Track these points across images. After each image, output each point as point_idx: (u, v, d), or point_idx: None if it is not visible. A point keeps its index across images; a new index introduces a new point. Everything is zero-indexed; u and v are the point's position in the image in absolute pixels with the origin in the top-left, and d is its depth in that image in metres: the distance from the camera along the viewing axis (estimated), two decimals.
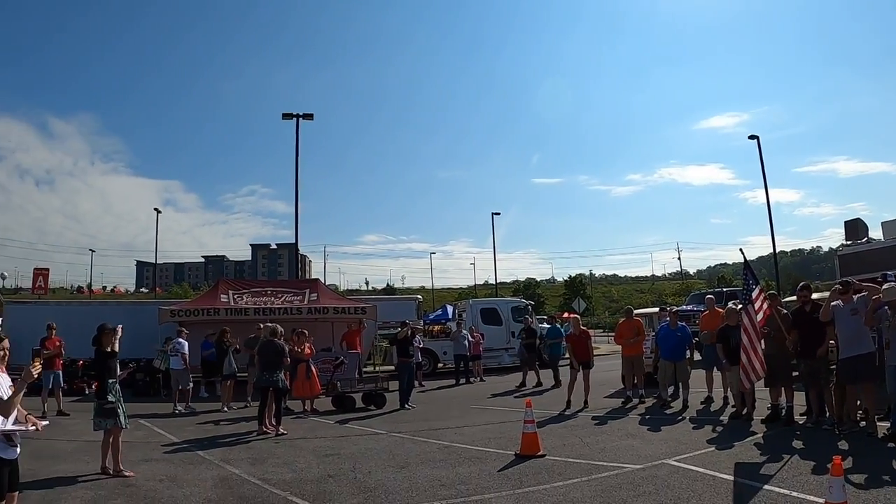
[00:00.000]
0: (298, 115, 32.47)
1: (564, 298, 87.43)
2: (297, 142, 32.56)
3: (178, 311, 19.91)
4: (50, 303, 31.00)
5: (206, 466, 9.06)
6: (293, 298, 20.98)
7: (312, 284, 23.59)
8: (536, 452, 8.80)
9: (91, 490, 7.74)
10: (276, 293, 21.58)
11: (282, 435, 11.49)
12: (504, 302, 28.48)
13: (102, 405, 8.66)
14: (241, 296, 21.01)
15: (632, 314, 15.13)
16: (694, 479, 7.18)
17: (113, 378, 8.84)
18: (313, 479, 8.08)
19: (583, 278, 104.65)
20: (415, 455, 9.46)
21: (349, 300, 24.36)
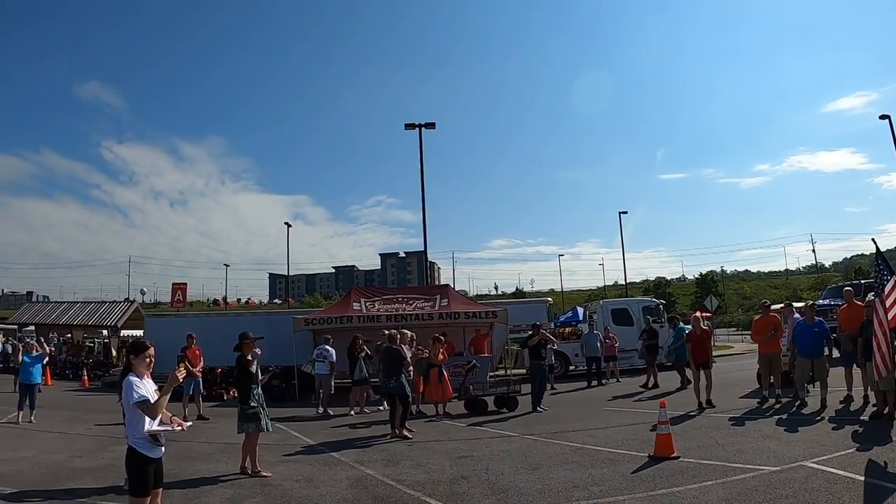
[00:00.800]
0: (420, 125, 33.09)
1: (696, 297, 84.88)
2: (421, 151, 33.26)
3: (312, 319, 20.69)
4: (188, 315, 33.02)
5: (340, 467, 9.44)
6: (424, 304, 21.31)
7: (443, 290, 23.81)
8: (670, 454, 8.72)
9: (230, 489, 8.27)
10: (408, 300, 21.97)
11: (405, 438, 11.77)
12: (635, 302, 28.02)
13: (245, 410, 9.19)
14: (372, 303, 21.61)
15: (768, 309, 14.60)
16: (833, 481, 6.94)
17: (254, 384, 9.34)
18: (446, 481, 8.29)
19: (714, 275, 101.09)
20: (547, 457, 9.52)
21: (479, 304, 24.56)
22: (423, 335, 17.32)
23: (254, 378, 9.40)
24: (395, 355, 12.68)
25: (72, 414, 16.89)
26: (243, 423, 9.21)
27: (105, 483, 8.68)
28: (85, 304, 43.53)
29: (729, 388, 14.10)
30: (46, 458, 10.63)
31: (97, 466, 9.95)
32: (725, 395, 14.01)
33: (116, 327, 38.19)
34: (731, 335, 54.91)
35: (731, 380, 15.39)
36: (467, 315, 20.42)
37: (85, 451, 11.36)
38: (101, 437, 12.89)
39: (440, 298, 21.74)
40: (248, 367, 9.41)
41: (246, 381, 9.32)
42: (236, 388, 9.70)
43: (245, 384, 9.32)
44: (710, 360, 14.18)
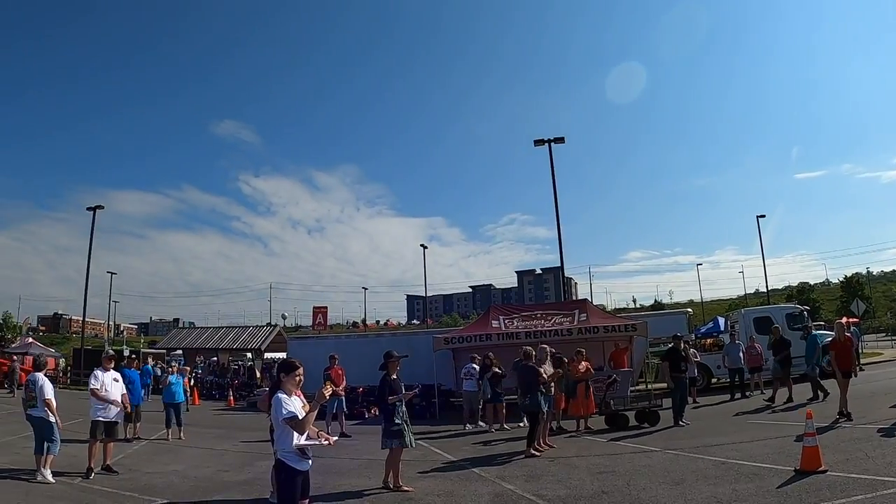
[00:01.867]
0: (550, 140, 33.16)
1: (841, 301, 79.89)
2: (552, 166, 33.32)
3: (451, 338, 21.18)
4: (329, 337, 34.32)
5: (481, 483, 9.68)
6: (563, 320, 21.26)
7: (581, 305, 23.66)
8: (817, 468, 8.51)
9: (372, 503, 8.70)
10: (546, 315, 22.00)
11: (532, 455, 11.81)
12: (778, 309, 26.88)
13: (389, 427, 9.55)
14: (511, 320, 21.81)
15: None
16: None
17: (399, 401, 9.68)
18: (587, 496, 8.40)
19: (859, 278, 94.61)
20: (690, 472, 9.45)
21: (619, 318, 24.37)
22: (562, 351, 17.44)
23: (398, 396, 9.69)
24: (530, 372, 12.79)
25: (218, 431, 18.04)
26: (387, 438, 9.55)
27: (251, 496, 9.36)
28: (230, 328, 46.17)
29: (878, 397, 13.43)
30: (195, 472, 11.48)
31: (243, 480, 10.68)
32: (874, 404, 13.39)
33: (260, 350, 40.35)
34: (880, 341, 51.43)
35: (881, 388, 14.63)
36: (606, 329, 20.28)
37: (232, 465, 12.20)
38: (246, 453, 13.78)
39: (579, 313, 21.64)
40: (393, 385, 9.73)
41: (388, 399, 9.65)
42: (380, 405, 10.05)
43: (388, 402, 9.64)
44: (853, 369, 13.61)
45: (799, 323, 23.82)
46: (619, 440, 13.42)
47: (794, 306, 28.54)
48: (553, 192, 33.24)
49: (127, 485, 10.28)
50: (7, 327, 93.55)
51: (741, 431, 13.11)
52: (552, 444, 13.01)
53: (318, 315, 61.94)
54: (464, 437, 15.38)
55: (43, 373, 11.32)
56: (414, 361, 21.54)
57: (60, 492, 9.74)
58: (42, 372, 11.33)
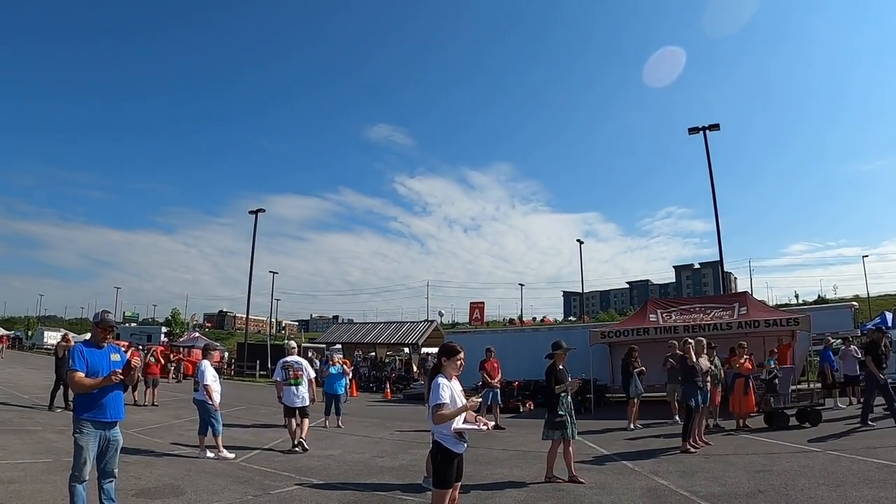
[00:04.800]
0: (705, 128, 32.40)
1: None
2: (708, 154, 32.53)
3: (608, 332, 21.29)
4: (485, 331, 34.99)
5: (634, 477, 9.84)
6: (722, 313, 20.90)
7: (741, 298, 23.11)
8: None
9: (523, 492, 9.00)
10: (705, 309, 21.68)
11: (687, 452, 11.84)
12: None
13: (553, 418, 9.72)
14: (669, 314, 21.68)
15: None
16: None
17: (565, 392, 9.79)
18: (743, 494, 8.40)
19: None
20: (852, 474, 9.25)
21: (780, 311, 23.67)
22: (722, 345, 17.23)
23: (564, 385, 9.79)
24: (683, 365, 12.82)
25: (375, 421, 18.86)
26: (549, 430, 9.73)
27: (405, 480, 9.89)
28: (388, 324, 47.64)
29: None
30: (350, 457, 12.24)
31: (398, 466, 11.30)
32: None
33: (417, 345, 41.54)
34: None
35: None
36: (767, 323, 19.73)
37: (386, 452, 12.88)
38: (401, 441, 14.48)
39: (738, 307, 21.17)
40: (559, 375, 9.86)
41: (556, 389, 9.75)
42: (546, 395, 10.09)
43: (555, 392, 9.75)
44: None
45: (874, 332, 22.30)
46: (778, 440, 13.17)
47: None
48: (710, 181, 32.42)
49: (284, 465, 11.12)
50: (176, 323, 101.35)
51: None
52: (708, 441, 12.97)
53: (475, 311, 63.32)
54: (617, 433, 15.45)
55: (209, 361, 12.59)
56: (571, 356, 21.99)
57: (221, 469, 10.69)
58: (209, 360, 12.60)
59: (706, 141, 32.45)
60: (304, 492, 9.09)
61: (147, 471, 10.13)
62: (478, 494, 8.77)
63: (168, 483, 9.33)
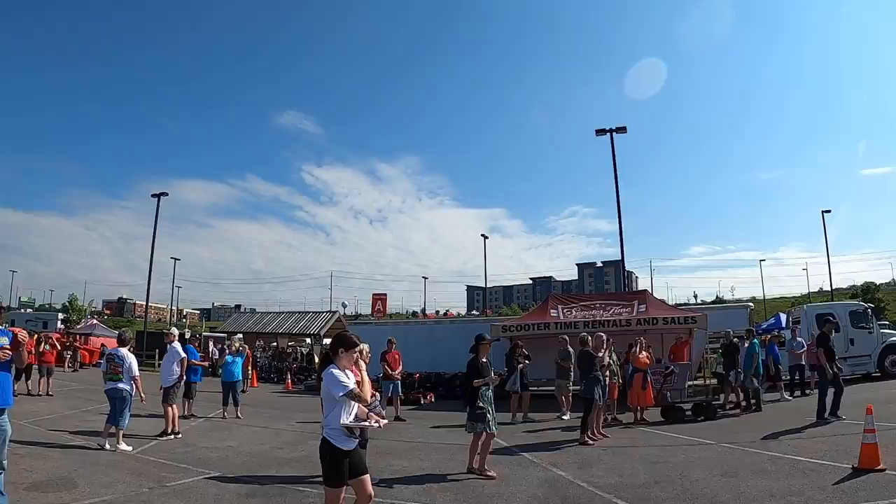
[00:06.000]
0: (612, 130, 32.91)
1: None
2: (614, 156, 33.11)
3: (509, 326, 21.26)
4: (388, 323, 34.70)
5: (533, 468, 9.77)
6: (622, 310, 21.12)
7: (640, 295, 23.50)
8: (875, 466, 8.37)
9: (423, 483, 8.85)
10: (605, 306, 21.86)
11: (585, 444, 11.87)
12: (841, 306, 26.14)
13: (474, 410, 9.44)
14: (570, 310, 21.75)
15: None
16: None
17: (485, 385, 9.55)
18: (639, 485, 8.44)
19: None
20: (744, 466, 9.38)
21: (678, 310, 24.14)
22: (621, 341, 17.39)
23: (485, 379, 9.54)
24: (584, 359, 12.78)
25: (275, 412, 18.52)
26: (472, 422, 9.46)
27: (303, 471, 9.62)
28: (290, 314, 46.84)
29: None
30: (249, 448, 11.90)
31: (296, 457, 11.01)
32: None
33: (319, 336, 40.98)
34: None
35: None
36: (665, 321, 20.10)
37: (286, 444, 12.56)
38: (301, 433, 14.12)
39: (638, 304, 21.48)
40: (481, 368, 9.62)
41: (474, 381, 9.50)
42: (467, 388, 9.81)
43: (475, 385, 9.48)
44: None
45: (863, 321, 23.31)
46: (674, 433, 13.33)
47: (858, 303, 27.80)
48: (615, 182, 32.97)
49: (181, 457, 10.68)
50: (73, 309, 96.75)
51: (798, 428, 12.91)
52: (606, 434, 13.03)
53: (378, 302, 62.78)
54: (519, 425, 15.41)
55: (127, 349, 11.87)
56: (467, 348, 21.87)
57: (116, 461, 10.19)
58: (126, 348, 11.87)
59: (612, 143, 33.04)
60: (201, 484, 8.73)
61: (40, 463, 9.59)
62: (376, 486, 8.44)
63: (61, 476, 8.83)
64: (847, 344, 22.89)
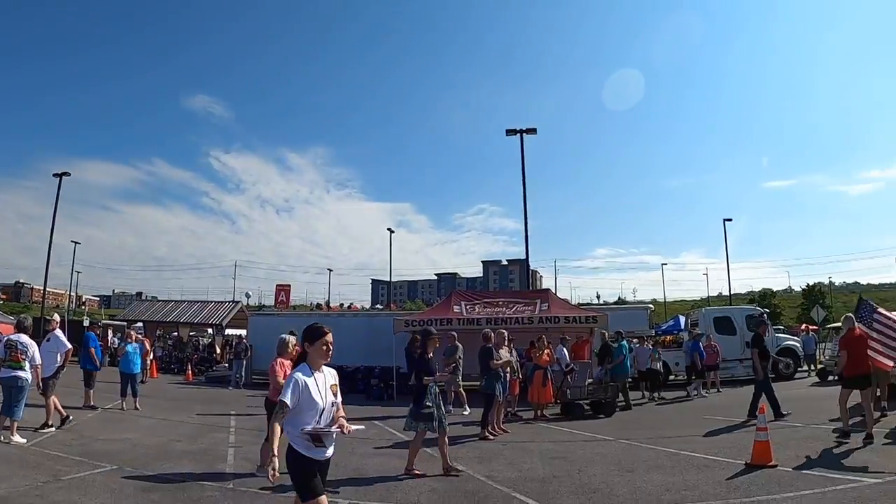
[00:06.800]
0: (522, 131, 33.17)
1: (802, 309, 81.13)
2: (523, 156, 33.26)
3: (412, 321, 21.08)
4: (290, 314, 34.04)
5: (433, 462, 9.50)
6: (524, 308, 21.25)
7: (543, 294, 23.76)
8: (767, 462, 8.56)
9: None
10: (508, 303, 21.97)
11: (485, 439, 11.83)
12: (738, 310, 27.12)
13: (419, 409, 9.11)
14: (473, 306, 21.76)
15: None
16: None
17: (433, 383, 9.22)
18: (538, 479, 8.41)
19: (821, 287, 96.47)
20: (641, 461, 9.50)
21: (580, 309, 24.44)
22: (522, 339, 17.45)
23: (431, 376, 9.25)
24: (485, 355, 12.73)
25: (175, 404, 17.85)
26: (413, 420, 9.13)
27: (201, 465, 9.28)
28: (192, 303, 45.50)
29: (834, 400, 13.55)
30: (147, 441, 11.35)
31: (195, 450, 10.59)
32: (830, 407, 13.53)
33: (221, 326, 39.93)
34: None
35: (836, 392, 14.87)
36: (567, 319, 20.30)
37: (184, 436, 12.07)
38: (201, 425, 13.65)
39: (540, 303, 21.67)
40: (430, 364, 9.35)
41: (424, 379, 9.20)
42: (416, 384, 9.38)
43: (423, 382, 9.18)
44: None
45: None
46: (574, 429, 13.43)
47: (754, 308, 28.83)
48: (522, 182, 33.21)
49: (77, 450, 10.11)
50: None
51: (696, 426, 13.18)
52: (507, 429, 12.98)
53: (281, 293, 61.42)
54: None
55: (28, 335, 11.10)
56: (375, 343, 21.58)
57: (9, 454, 9.58)
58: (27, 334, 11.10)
59: (522, 143, 33.24)
60: (99, 477, 8.26)
61: None
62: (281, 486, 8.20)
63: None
64: (743, 346, 23.62)
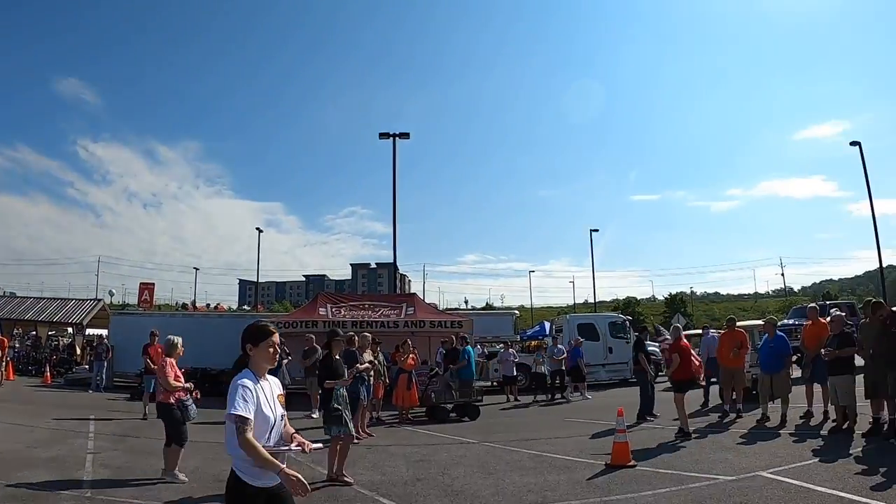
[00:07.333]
0: (395, 135, 33.08)
1: (665, 316, 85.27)
2: (394, 160, 33.12)
3: (277, 322, 20.44)
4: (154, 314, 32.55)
5: (294, 466, 9.10)
6: (390, 312, 21.21)
7: (410, 298, 23.83)
8: (627, 462, 8.72)
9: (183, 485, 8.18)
10: (374, 307, 21.87)
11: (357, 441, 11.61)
12: (601, 317, 27.97)
13: (329, 413, 8.78)
14: (339, 309, 21.47)
15: (734, 325, 14.69)
16: (788, 490, 6.95)
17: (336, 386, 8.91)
18: (401, 482, 8.26)
19: (683, 296, 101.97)
20: (504, 463, 9.52)
21: (446, 314, 24.49)
22: (388, 343, 17.24)
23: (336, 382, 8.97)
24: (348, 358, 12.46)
25: (31, 408, 16.65)
26: (329, 425, 8.78)
27: (56, 472, 8.70)
28: (51, 300, 42.70)
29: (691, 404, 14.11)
30: (2, 447, 10.59)
31: (54, 457, 9.95)
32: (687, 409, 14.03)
33: (82, 325, 37.65)
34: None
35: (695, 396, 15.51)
36: (433, 324, 20.39)
37: (42, 442, 11.33)
38: (59, 430, 12.83)
39: (406, 307, 21.70)
40: (335, 366, 9.14)
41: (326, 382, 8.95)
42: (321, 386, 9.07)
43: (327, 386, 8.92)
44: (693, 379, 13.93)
45: (621, 332, 24.85)
46: (438, 432, 13.34)
47: (617, 315, 29.80)
48: (392, 186, 33.08)
49: None
50: None
51: (557, 428, 13.39)
52: (371, 433, 12.71)
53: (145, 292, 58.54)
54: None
55: None
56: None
57: None
58: None
59: (394, 147, 33.16)
60: None
61: None
62: (135, 491, 7.89)
63: None
64: (606, 352, 24.36)
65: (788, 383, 12.66)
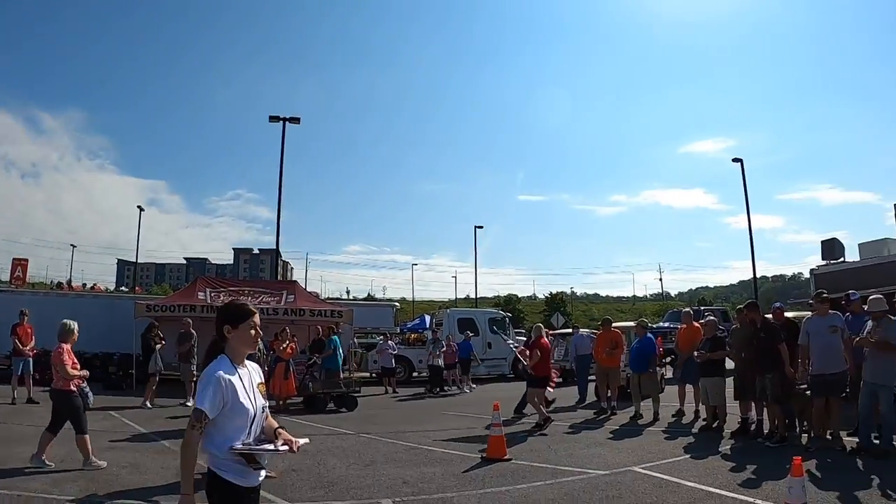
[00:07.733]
0: (285, 119, 32.25)
1: (544, 315, 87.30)
2: (283, 144, 32.28)
3: (154, 306, 19.79)
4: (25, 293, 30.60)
5: (171, 456, 8.89)
6: (270, 299, 20.79)
7: (290, 286, 23.51)
8: (502, 456, 8.79)
9: (54, 473, 7.79)
10: (254, 293, 21.34)
11: None
12: (481, 312, 28.33)
13: None
14: (218, 294, 20.81)
15: (610, 325, 15.07)
16: (658, 485, 7.18)
17: None
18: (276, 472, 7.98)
19: (563, 296, 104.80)
20: (381, 454, 9.48)
21: (326, 303, 24.18)
22: (267, 330, 16.80)
23: None
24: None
25: None
26: None
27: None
28: None
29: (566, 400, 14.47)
30: None
31: None
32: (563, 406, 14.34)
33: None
34: None
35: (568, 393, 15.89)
36: (313, 313, 20.08)
37: None
38: None
39: (287, 294, 21.35)
40: None
41: None
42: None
43: None
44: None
45: (500, 328, 25.15)
46: (315, 422, 13.12)
47: (498, 311, 30.26)
48: (280, 171, 32.33)
49: None
50: None
51: (435, 421, 13.47)
52: None
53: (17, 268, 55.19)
54: (158, 410, 14.39)
55: None
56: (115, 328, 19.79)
57: None
58: None
59: (284, 131, 32.32)
60: None
61: None
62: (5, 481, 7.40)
63: None
64: (485, 347, 24.57)
65: (656, 382, 13.19)
